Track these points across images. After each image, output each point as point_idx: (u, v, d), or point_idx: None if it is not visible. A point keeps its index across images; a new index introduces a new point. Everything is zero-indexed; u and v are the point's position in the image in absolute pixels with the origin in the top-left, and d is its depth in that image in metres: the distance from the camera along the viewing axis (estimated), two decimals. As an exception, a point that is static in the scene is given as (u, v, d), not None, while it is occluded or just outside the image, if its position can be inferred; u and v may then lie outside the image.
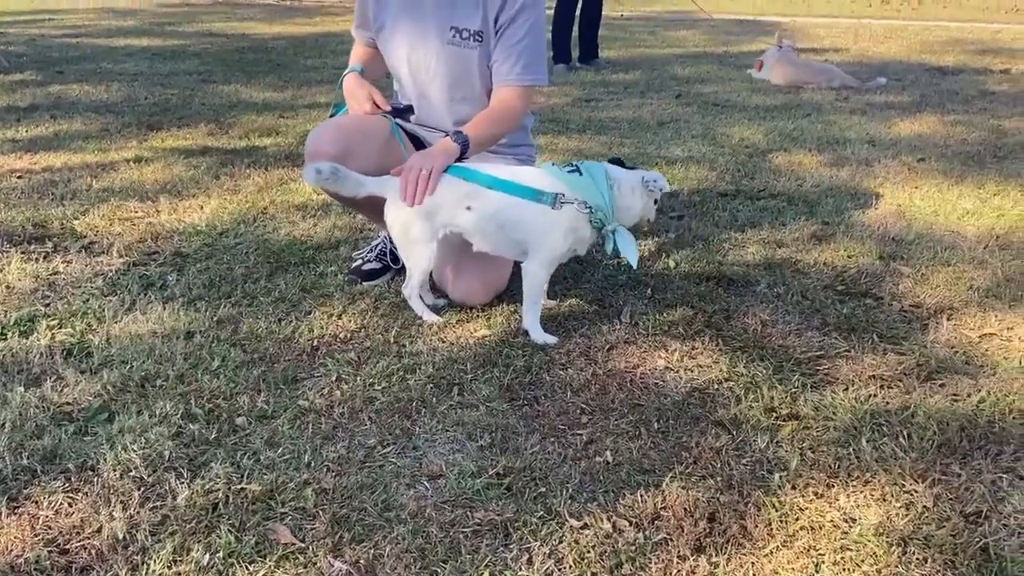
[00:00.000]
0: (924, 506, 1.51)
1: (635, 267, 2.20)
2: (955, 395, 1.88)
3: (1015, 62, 7.03)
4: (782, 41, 6.14)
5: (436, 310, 2.28)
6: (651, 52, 7.84)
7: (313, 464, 1.61)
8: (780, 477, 1.59)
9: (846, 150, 4.04)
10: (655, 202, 2.24)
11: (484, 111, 2.27)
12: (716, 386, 1.93)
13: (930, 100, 5.31)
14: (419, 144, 2.44)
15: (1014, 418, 1.78)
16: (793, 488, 1.56)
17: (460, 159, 2.13)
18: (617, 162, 2.22)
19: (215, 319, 2.21)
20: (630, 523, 1.46)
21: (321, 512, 1.47)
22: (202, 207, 3.10)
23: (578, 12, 6.72)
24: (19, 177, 3.39)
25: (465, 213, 2.09)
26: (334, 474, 1.58)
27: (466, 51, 2.26)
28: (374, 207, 2.43)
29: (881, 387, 1.92)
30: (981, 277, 2.51)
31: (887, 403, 1.85)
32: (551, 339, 2.14)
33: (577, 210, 2.06)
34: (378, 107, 2.33)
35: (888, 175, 3.61)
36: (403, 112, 2.43)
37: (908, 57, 7.37)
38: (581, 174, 2.10)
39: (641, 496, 1.53)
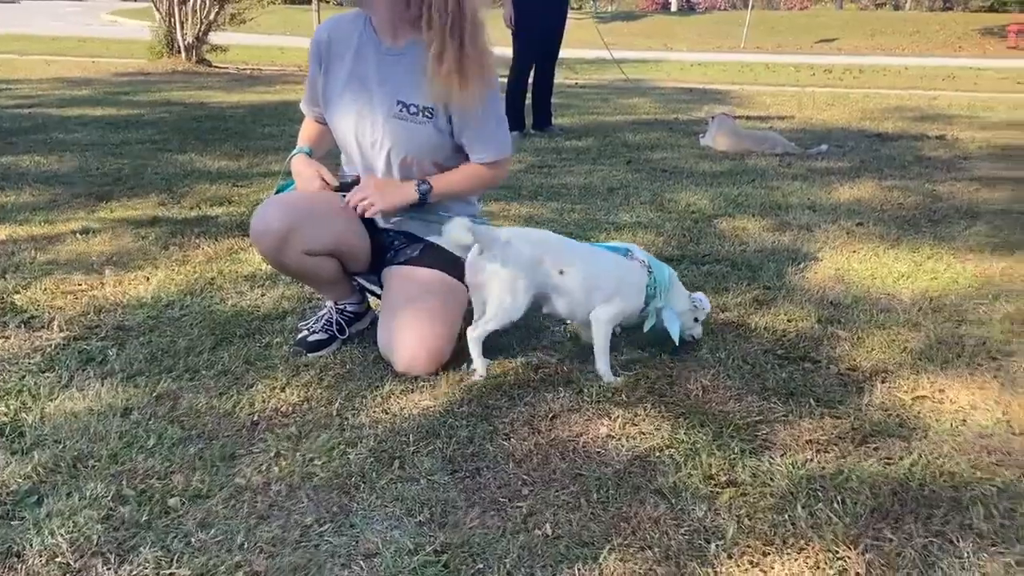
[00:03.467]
0: (857, 572, 1.53)
1: (676, 343, 2.39)
2: (888, 459, 1.91)
3: (950, 128, 7.36)
4: (717, 112, 6.38)
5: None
6: (604, 119, 8.05)
7: (246, 545, 1.58)
8: (716, 547, 1.60)
9: (788, 215, 4.17)
10: (696, 320, 2.48)
11: (457, 169, 2.40)
12: (657, 453, 1.95)
13: (869, 166, 5.52)
14: (370, 223, 2.47)
15: (944, 481, 1.82)
16: (729, 557, 1.57)
17: (419, 206, 2.35)
18: None
19: (154, 395, 2.18)
20: (566, 598, 1.46)
21: (251, 596, 1.44)
22: (148, 279, 3.07)
23: (531, 80, 6.90)
24: (-39, 250, 3.34)
25: (559, 277, 2.28)
26: (267, 556, 1.55)
27: (415, 126, 2.31)
28: (321, 277, 2.45)
29: (817, 452, 1.95)
30: (915, 339, 2.59)
31: (823, 468, 1.88)
32: (616, 380, 2.30)
33: (640, 267, 2.34)
34: (327, 184, 2.37)
35: (828, 239, 3.73)
36: (352, 187, 2.46)
37: (849, 124, 7.67)
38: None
39: (579, 570, 1.53)
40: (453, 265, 2.44)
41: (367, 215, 2.32)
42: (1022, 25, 22.13)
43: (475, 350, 2.32)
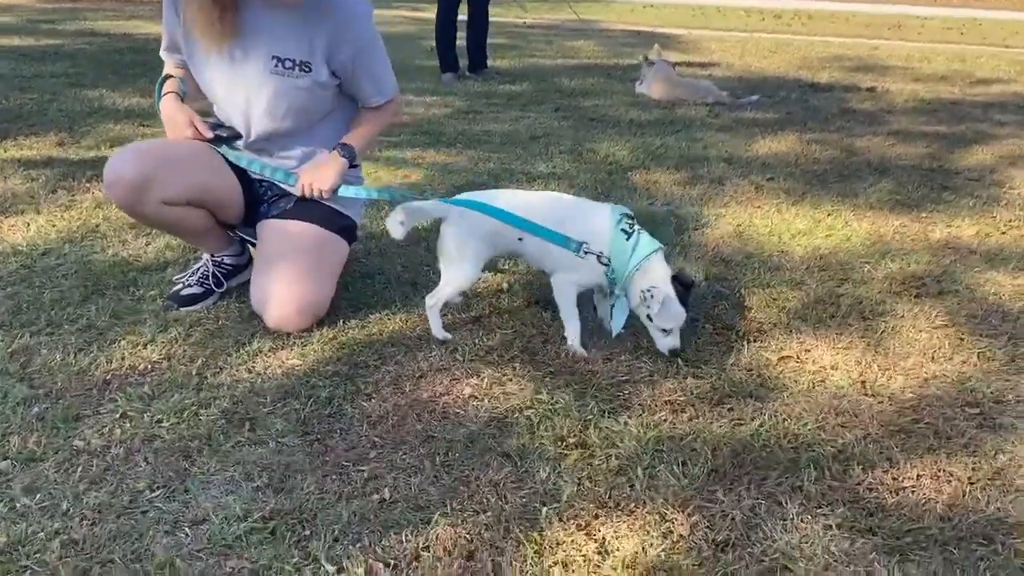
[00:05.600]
0: (680, 535, 1.56)
1: (613, 336, 2.26)
2: (739, 420, 1.95)
3: (884, 80, 7.37)
4: (655, 57, 6.26)
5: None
6: (543, 63, 7.91)
7: (71, 511, 1.55)
8: (549, 510, 1.61)
9: (703, 168, 4.16)
10: (648, 317, 2.17)
11: (358, 123, 2.41)
12: (515, 415, 1.95)
13: (794, 118, 5.51)
14: (242, 174, 2.39)
15: (787, 442, 1.86)
16: (560, 521, 1.59)
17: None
18: (687, 284, 2.22)
19: (9, 350, 2.11)
20: (387, 566, 1.46)
21: (63, 567, 1.41)
22: (28, 225, 2.96)
23: (464, 18, 6.71)
24: None
25: (518, 243, 2.27)
26: (89, 523, 1.52)
27: (292, 80, 2.24)
28: (187, 228, 2.37)
29: (672, 412, 1.97)
30: (795, 298, 2.62)
31: (673, 428, 1.90)
32: (583, 352, 2.24)
33: (598, 261, 2.20)
34: (200, 134, 2.28)
35: (736, 194, 3.73)
36: (228, 139, 2.37)
37: (787, 73, 7.64)
38: (629, 238, 2.19)
39: (407, 536, 1.53)
40: (329, 218, 2.39)
41: (325, 197, 2.32)
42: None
43: (432, 318, 2.31)
